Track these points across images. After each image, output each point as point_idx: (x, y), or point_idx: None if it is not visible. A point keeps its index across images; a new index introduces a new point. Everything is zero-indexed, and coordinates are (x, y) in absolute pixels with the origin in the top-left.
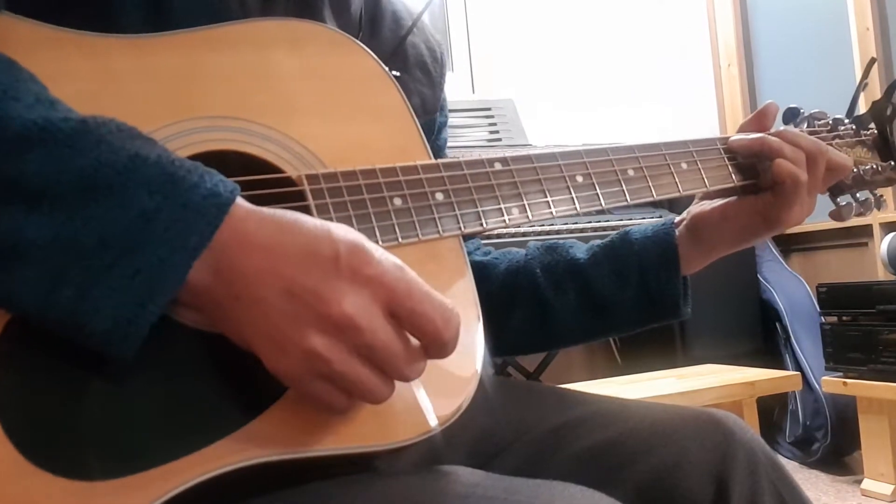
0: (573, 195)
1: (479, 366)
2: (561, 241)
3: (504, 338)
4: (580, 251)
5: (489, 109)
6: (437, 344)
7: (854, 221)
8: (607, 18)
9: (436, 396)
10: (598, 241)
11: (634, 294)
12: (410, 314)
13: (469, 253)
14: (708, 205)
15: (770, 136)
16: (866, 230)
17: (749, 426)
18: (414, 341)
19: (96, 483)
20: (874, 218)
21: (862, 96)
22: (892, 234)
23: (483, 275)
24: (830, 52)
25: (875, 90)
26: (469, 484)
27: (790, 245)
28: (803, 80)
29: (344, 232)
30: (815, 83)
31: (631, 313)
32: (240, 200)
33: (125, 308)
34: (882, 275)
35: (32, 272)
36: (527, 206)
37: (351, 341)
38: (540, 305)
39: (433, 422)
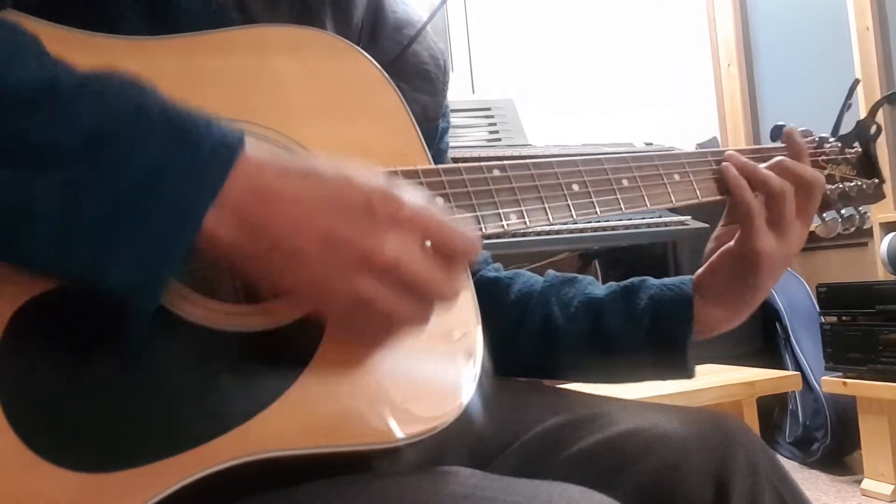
0: (569, 202)
1: (464, 398)
2: (580, 276)
3: (507, 358)
4: (598, 288)
5: (489, 109)
6: (467, 259)
7: None
8: (607, 18)
9: (424, 403)
10: (615, 283)
11: (644, 337)
12: (441, 247)
13: (479, 265)
14: (704, 266)
15: (738, 175)
16: (866, 230)
17: (749, 427)
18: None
19: (101, 475)
20: (874, 218)
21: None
22: (892, 234)
23: (494, 290)
24: (830, 52)
25: (875, 93)
26: (468, 484)
27: None
28: (803, 80)
29: (367, 178)
30: (815, 83)
31: (636, 356)
32: (249, 148)
33: (145, 259)
34: (882, 275)
35: (46, 232)
36: (524, 213)
37: (396, 280)
38: (548, 331)
39: (400, 432)
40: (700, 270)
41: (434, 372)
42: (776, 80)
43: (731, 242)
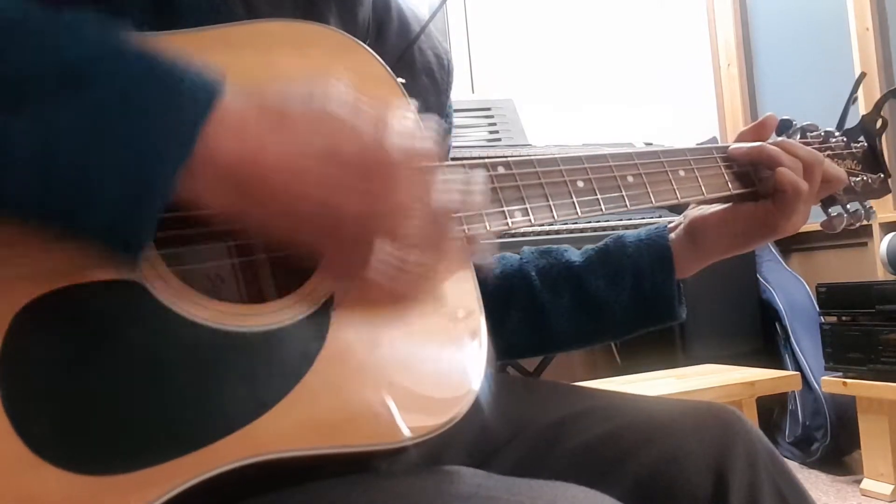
0: (574, 200)
1: (476, 384)
2: (555, 246)
3: (499, 341)
4: (574, 255)
5: (489, 109)
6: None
7: None
8: (607, 18)
9: (429, 405)
10: (591, 246)
11: (629, 297)
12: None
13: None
14: (707, 209)
15: (769, 146)
16: (866, 230)
17: (748, 419)
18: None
19: (104, 478)
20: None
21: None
22: (891, 234)
23: (478, 278)
24: (830, 53)
25: (875, 92)
26: (472, 484)
27: (790, 245)
28: (803, 79)
29: (353, 121)
30: (815, 83)
31: (626, 316)
32: (229, 97)
33: (124, 197)
34: (882, 275)
35: (23, 175)
36: (529, 210)
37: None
38: (535, 308)
39: (406, 432)
40: (705, 215)
41: (439, 373)
42: (776, 80)
43: (755, 207)
